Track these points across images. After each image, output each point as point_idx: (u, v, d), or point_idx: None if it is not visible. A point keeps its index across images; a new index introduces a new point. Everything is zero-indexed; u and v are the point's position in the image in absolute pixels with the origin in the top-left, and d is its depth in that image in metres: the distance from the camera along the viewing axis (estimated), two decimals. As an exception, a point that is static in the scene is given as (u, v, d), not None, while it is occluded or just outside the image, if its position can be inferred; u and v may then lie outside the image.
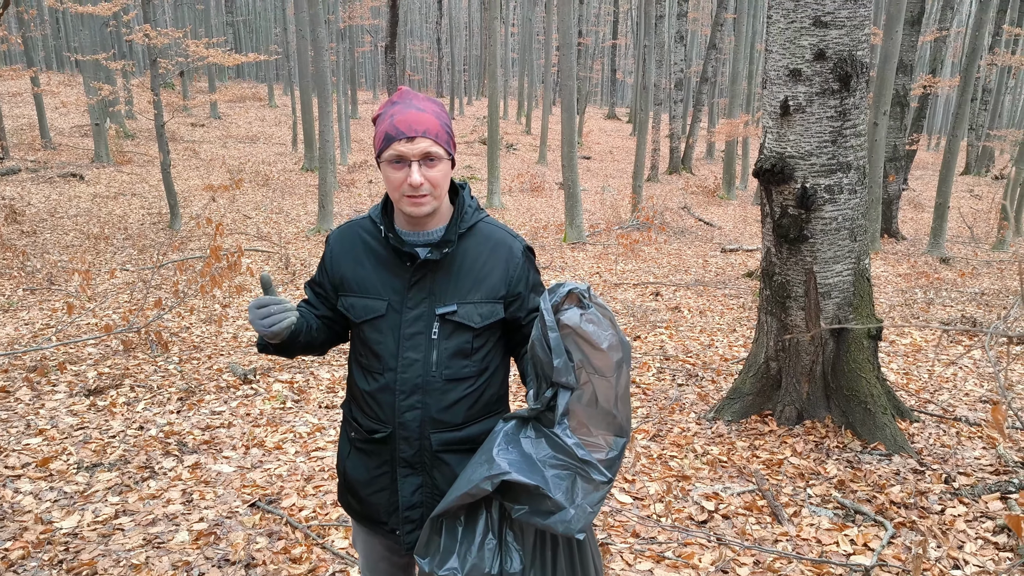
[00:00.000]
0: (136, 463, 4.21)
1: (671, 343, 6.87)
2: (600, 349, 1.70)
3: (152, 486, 3.95)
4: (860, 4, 4.00)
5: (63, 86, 30.27)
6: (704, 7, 40.31)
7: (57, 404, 5.09)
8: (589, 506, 1.68)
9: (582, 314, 1.71)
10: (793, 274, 4.38)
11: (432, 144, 1.75)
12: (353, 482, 1.98)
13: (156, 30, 12.79)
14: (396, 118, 1.76)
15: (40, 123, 20.80)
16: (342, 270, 1.92)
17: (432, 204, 1.79)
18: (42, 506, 3.71)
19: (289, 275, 9.99)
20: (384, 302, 1.86)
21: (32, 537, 3.39)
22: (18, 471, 4.07)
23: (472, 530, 1.76)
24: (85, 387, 5.41)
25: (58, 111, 26.36)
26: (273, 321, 1.77)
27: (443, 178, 1.79)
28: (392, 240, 1.84)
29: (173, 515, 3.65)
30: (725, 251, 12.95)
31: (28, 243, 11.27)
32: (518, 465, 1.69)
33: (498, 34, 15.14)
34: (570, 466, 1.69)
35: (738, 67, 21.92)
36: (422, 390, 1.84)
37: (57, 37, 43.39)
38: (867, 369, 4.39)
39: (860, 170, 4.23)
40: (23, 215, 13.19)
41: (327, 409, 5.20)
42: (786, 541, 3.41)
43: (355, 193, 19.01)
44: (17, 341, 6.50)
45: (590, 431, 1.75)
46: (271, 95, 37.16)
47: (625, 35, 53.19)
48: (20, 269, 9.47)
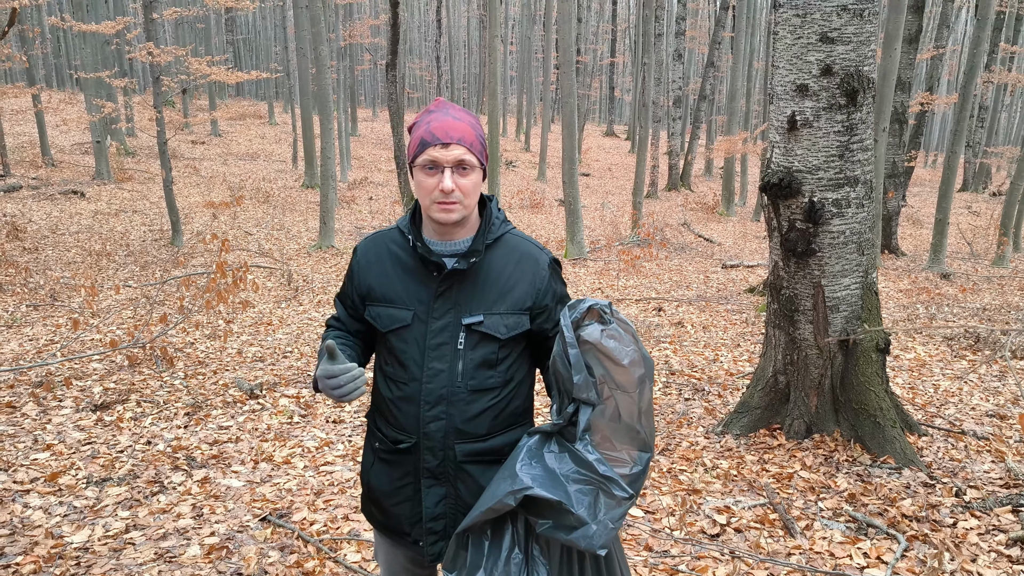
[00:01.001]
0: (145, 477, 4.20)
1: (676, 358, 6.88)
2: (622, 365, 1.71)
3: (162, 500, 3.94)
4: (866, 20, 4.04)
5: (64, 104, 30.38)
6: (702, 26, 40.62)
7: (64, 419, 5.08)
8: (611, 522, 1.68)
9: (603, 330, 1.72)
10: (801, 288, 4.40)
11: (466, 152, 1.78)
12: (377, 492, 1.98)
13: (159, 48, 12.86)
14: (432, 124, 1.78)
15: (41, 141, 20.85)
16: (369, 280, 1.94)
17: (461, 212, 1.81)
18: (52, 521, 3.70)
19: (292, 291, 10.00)
20: (410, 312, 1.87)
21: (43, 552, 3.38)
22: (27, 486, 4.06)
23: (498, 545, 1.77)
24: (91, 402, 5.41)
25: (59, 129, 26.43)
26: (347, 391, 1.75)
27: (474, 187, 1.81)
28: (420, 250, 1.85)
29: (184, 529, 3.64)
30: (726, 267, 12.98)
31: (30, 259, 11.27)
32: (541, 480, 1.69)
33: (499, 52, 15.23)
34: (593, 481, 1.70)
35: (736, 85, 22.05)
36: (447, 400, 1.84)
37: (58, 55, 43.59)
38: (876, 382, 4.40)
39: (867, 184, 4.26)
40: (25, 232, 13.20)
41: (335, 424, 5.19)
42: (799, 554, 3.41)
43: (355, 210, 19.05)
44: (22, 357, 6.49)
45: (614, 446, 1.75)
46: (271, 113, 37.29)
47: (623, 53, 53.53)
48: (23, 285, 9.47)
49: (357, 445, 4.76)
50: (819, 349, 4.44)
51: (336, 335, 2.03)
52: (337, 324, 2.07)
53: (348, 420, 5.25)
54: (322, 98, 14.00)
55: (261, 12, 49.94)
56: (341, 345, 1.97)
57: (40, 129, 20.60)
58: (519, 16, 46.92)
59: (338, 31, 28.17)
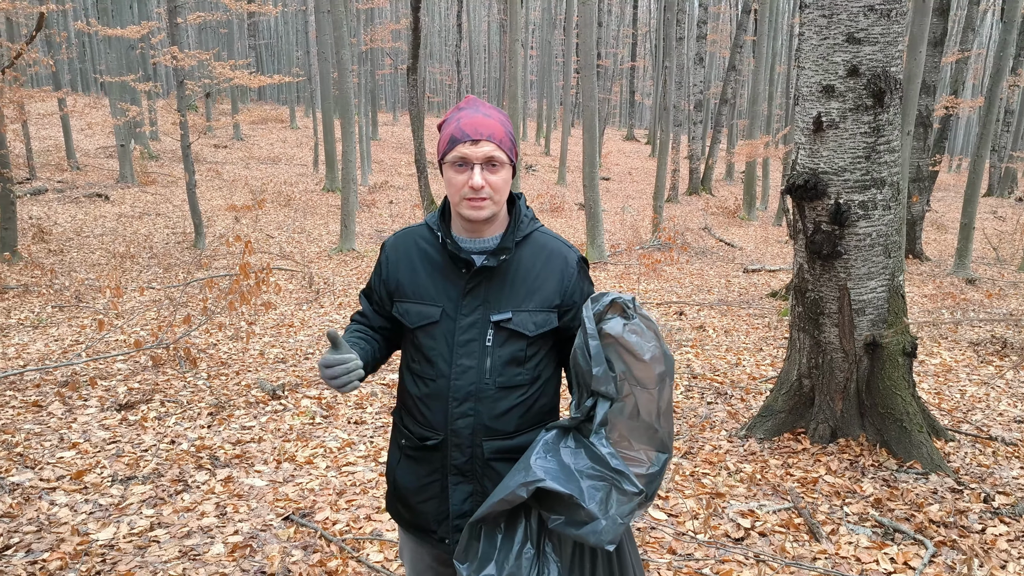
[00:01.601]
0: (169, 476, 4.23)
1: (698, 362, 6.84)
2: (643, 360, 1.70)
3: (186, 499, 3.97)
4: (894, 20, 4.01)
5: (89, 108, 30.75)
6: (723, 29, 40.47)
7: (89, 418, 5.13)
8: (620, 517, 1.66)
9: (625, 324, 1.71)
10: (826, 291, 4.36)
11: (495, 149, 1.77)
12: (403, 490, 1.97)
13: (183, 52, 12.99)
14: (462, 121, 1.78)
15: (67, 144, 21.11)
16: (398, 276, 1.94)
17: (491, 209, 1.80)
18: (78, 518, 3.73)
19: (313, 294, 10.05)
20: (438, 308, 1.87)
21: (69, 548, 3.41)
22: (53, 483, 4.10)
23: (511, 538, 1.76)
24: (116, 402, 5.45)
25: (84, 132, 26.75)
26: (341, 383, 1.75)
27: (503, 184, 1.81)
28: (449, 246, 1.85)
29: (208, 528, 3.66)
30: (747, 271, 12.90)
31: (56, 261, 11.40)
32: (555, 474, 1.68)
33: (519, 57, 15.24)
34: (605, 476, 1.68)
35: (758, 88, 21.94)
36: (475, 397, 1.84)
37: (84, 60, 44.14)
38: (902, 387, 4.34)
39: (894, 186, 4.22)
40: (50, 234, 13.36)
41: (356, 425, 5.20)
42: (825, 559, 3.37)
43: (376, 213, 19.13)
44: (48, 357, 6.57)
45: (631, 444, 1.74)
46: (292, 117, 37.56)
47: (644, 57, 53.42)
48: (49, 287, 9.58)
49: (379, 446, 4.77)
50: (844, 352, 4.40)
51: (356, 330, 2.03)
52: (361, 319, 2.07)
53: (370, 421, 5.26)
54: (343, 102, 14.08)
55: (283, 17, 50.35)
56: (357, 338, 1.97)
57: (66, 133, 20.87)
58: (539, 20, 46.97)
59: (360, 36, 28.32)
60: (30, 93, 13.35)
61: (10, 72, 10.61)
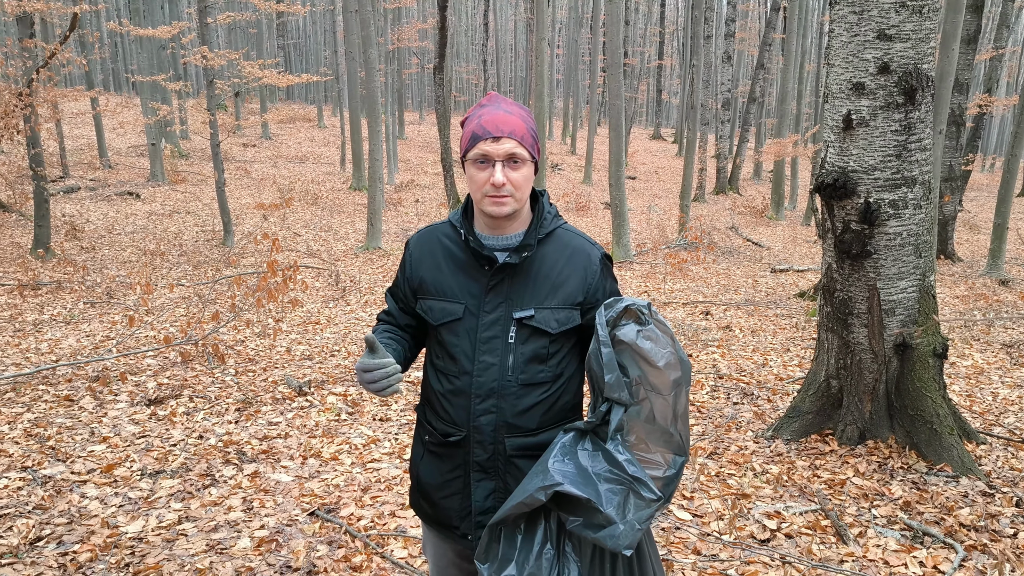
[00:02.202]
0: (197, 471, 4.27)
1: (724, 362, 6.79)
2: (657, 367, 1.69)
3: (213, 493, 4.01)
4: (926, 17, 3.95)
5: (121, 107, 31.18)
6: (752, 27, 40.13)
7: (119, 413, 5.20)
8: (638, 523, 1.66)
9: (639, 330, 1.70)
10: (856, 290, 4.31)
11: (517, 146, 1.77)
12: (426, 486, 1.98)
13: (213, 52, 13.13)
14: (484, 118, 1.78)
15: (99, 143, 21.43)
16: (421, 273, 1.94)
17: (513, 205, 1.80)
18: (108, 511, 3.78)
19: (339, 291, 10.11)
20: (461, 305, 1.87)
21: (99, 541, 3.46)
22: (84, 476, 4.16)
23: (531, 539, 1.76)
24: (146, 397, 5.52)
25: (116, 131, 27.14)
26: (380, 387, 1.75)
27: (525, 181, 1.80)
28: (472, 243, 1.85)
29: (235, 522, 3.70)
30: (775, 271, 12.79)
31: (88, 258, 11.58)
32: (572, 477, 1.68)
33: (545, 56, 15.23)
34: (623, 481, 1.68)
35: (787, 87, 21.74)
36: (498, 394, 1.84)
37: (116, 60, 44.77)
38: (932, 388, 4.28)
39: (925, 185, 4.16)
40: (83, 231, 13.57)
41: (381, 422, 5.23)
42: (852, 562, 3.33)
43: (402, 212, 19.21)
44: (80, 352, 6.67)
45: (648, 448, 1.74)
46: (320, 116, 37.84)
47: (671, 55, 53.14)
48: (81, 283, 9.74)
49: (404, 443, 4.79)
50: (874, 353, 4.35)
51: (385, 329, 2.04)
52: (387, 318, 2.08)
53: (395, 418, 5.29)
54: (370, 101, 14.16)
55: (312, 17, 50.72)
56: (388, 339, 1.98)
57: (98, 132, 21.18)
58: (566, 19, 46.89)
59: (387, 35, 28.46)
60: (64, 92, 13.58)
61: (44, 72, 10.79)
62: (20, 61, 10.87)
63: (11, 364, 6.20)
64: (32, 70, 10.70)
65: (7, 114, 10.30)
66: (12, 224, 13.84)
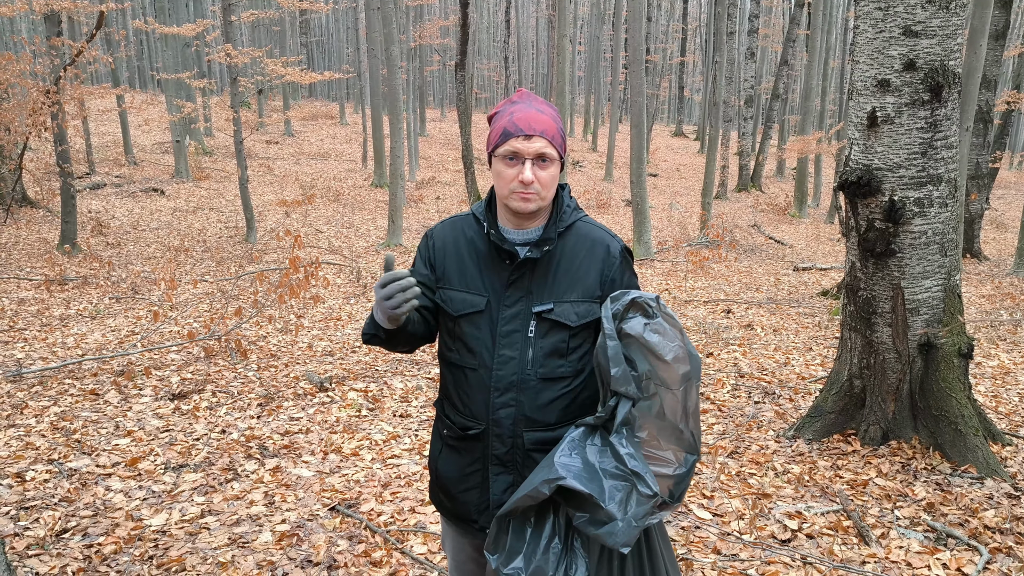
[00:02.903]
0: (220, 465, 4.32)
1: (745, 360, 6.75)
2: (665, 361, 1.68)
3: (236, 487, 4.05)
4: (952, 13, 3.90)
5: (146, 104, 31.50)
6: (776, 23, 39.81)
7: (143, 407, 5.26)
8: (635, 520, 1.65)
9: (646, 324, 1.69)
10: (880, 289, 4.27)
11: (547, 145, 1.78)
12: (444, 479, 1.99)
13: (237, 50, 13.22)
14: (516, 116, 1.79)
15: (124, 140, 21.66)
16: (444, 262, 1.95)
17: (538, 203, 1.81)
18: (132, 504, 3.83)
19: (360, 288, 10.16)
20: (484, 298, 1.88)
21: (123, 533, 3.50)
22: (109, 469, 4.21)
23: (540, 532, 1.76)
24: (169, 391, 5.58)
25: (141, 128, 27.42)
26: (395, 303, 1.69)
27: (552, 180, 1.81)
28: (494, 237, 1.86)
29: (256, 516, 3.73)
30: (798, 269, 12.69)
31: (113, 254, 11.72)
32: (577, 472, 1.67)
33: (567, 53, 15.19)
34: (627, 476, 1.67)
35: (811, 83, 21.55)
36: (517, 388, 1.84)
37: (141, 57, 45.22)
38: (957, 388, 4.23)
39: (951, 183, 4.11)
40: (108, 228, 13.73)
41: (401, 418, 5.25)
42: (874, 563, 3.30)
43: (423, 209, 19.26)
44: (105, 347, 6.75)
45: (660, 444, 1.72)
46: (342, 113, 37.99)
47: (693, 52, 52.83)
48: (106, 279, 9.85)
49: (423, 439, 4.81)
50: (897, 353, 4.30)
51: None
52: None
53: (415, 415, 5.31)
54: (392, 98, 14.20)
55: (334, 14, 50.93)
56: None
57: (124, 129, 21.41)
58: (588, 16, 46.75)
59: (408, 32, 28.53)
60: (90, 90, 13.74)
61: (71, 70, 10.92)
62: (48, 59, 11.01)
63: (38, 358, 6.29)
64: (59, 68, 10.84)
65: (35, 111, 10.44)
66: (40, 220, 14.03)
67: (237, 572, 3.20)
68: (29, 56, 10.94)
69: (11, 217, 13.63)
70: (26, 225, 13.44)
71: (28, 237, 12.48)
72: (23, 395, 5.37)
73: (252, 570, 3.22)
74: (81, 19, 21.95)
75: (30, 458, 4.31)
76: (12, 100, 11.28)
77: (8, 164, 13.79)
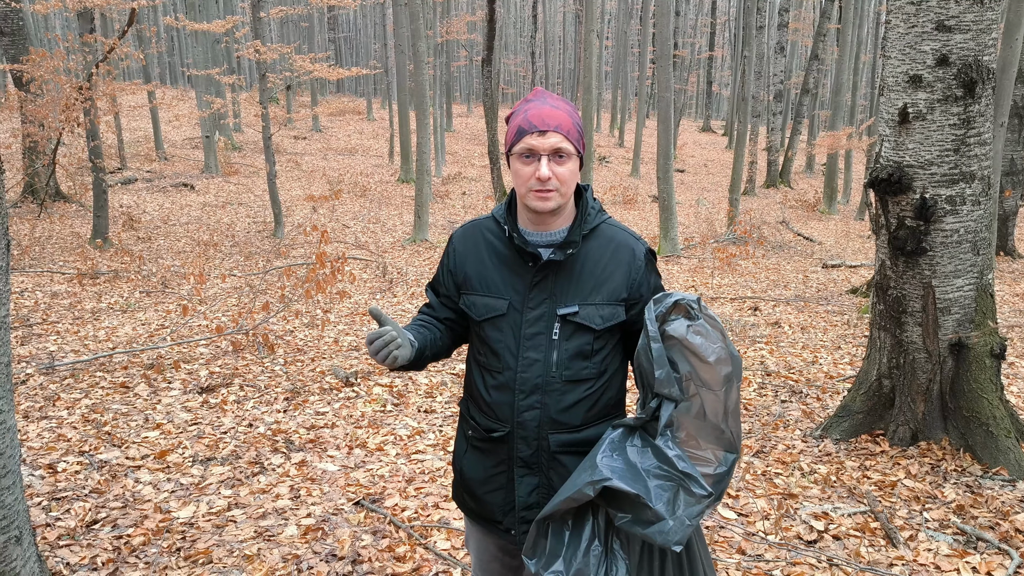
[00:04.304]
0: (247, 458, 4.36)
1: (772, 359, 6.69)
2: (707, 362, 1.67)
3: (262, 481, 4.09)
4: (987, 7, 3.83)
5: (176, 100, 31.86)
6: (806, 17, 39.33)
7: (172, 400, 5.33)
8: (688, 519, 1.65)
9: (689, 325, 1.69)
10: (910, 288, 4.21)
11: (563, 140, 1.76)
12: (469, 480, 1.99)
13: (265, 46, 13.32)
14: (530, 113, 1.78)
15: (155, 136, 21.94)
16: (465, 268, 1.95)
17: (557, 200, 1.80)
18: (160, 496, 3.88)
19: (386, 283, 10.21)
20: (505, 301, 1.87)
21: (152, 525, 3.55)
22: (138, 462, 4.27)
23: (579, 535, 1.76)
24: (198, 385, 5.65)
25: (171, 124, 27.74)
26: (383, 356, 1.76)
27: (571, 176, 1.80)
28: (516, 240, 1.85)
29: (282, 510, 3.76)
30: (827, 267, 12.55)
31: (144, 248, 11.87)
32: (621, 473, 1.67)
33: (594, 48, 15.13)
34: (673, 477, 1.67)
35: (841, 78, 21.27)
36: (542, 390, 1.84)
37: (171, 54, 45.72)
38: (989, 389, 4.16)
39: (984, 180, 4.04)
40: (139, 222, 13.91)
41: (426, 414, 5.27)
42: (902, 565, 3.26)
43: (449, 204, 19.30)
44: (135, 340, 6.84)
45: (699, 444, 1.72)
46: (369, 109, 38.18)
47: (722, 46, 52.38)
48: (137, 273, 9.98)
49: (447, 435, 4.82)
50: (928, 353, 4.24)
51: (420, 319, 2.04)
52: (427, 311, 2.08)
53: (439, 410, 5.32)
54: (419, 94, 14.23)
55: (362, 10, 51.13)
56: (418, 325, 1.98)
57: (155, 125, 21.69)
58: (615, 11, 46.54)
59: (436, 28, 28.57)
60: (122, 86, 13.92)
61: (104, 66, 11.06)
62: (81, 56, 11.16)
63: (70, 351, 6.40)
64: (92, 65, 10.99)
65: (68, 107, 10.59)
66: (72, 214, 14.24)
67: (263, 565, 3.23)
68: (63, 53, 11.10)
69: (45, 212, 13.85)
70: (59, 219, 13.65)
71: (61, 231, 12.68)
72: (55, 387, 5.46)
73: (278, 563, 3.26)
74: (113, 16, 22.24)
75: (62, 450, 4.38)
76: (46, 96, 11.45)
77: (42, 159, 14.01)
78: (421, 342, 1.92)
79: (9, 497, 2.12)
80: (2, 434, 2.07)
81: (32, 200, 14.34)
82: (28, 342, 6.60)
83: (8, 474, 2.10)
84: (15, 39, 13.86)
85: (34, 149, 13.93)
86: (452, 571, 3.24)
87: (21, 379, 5.60)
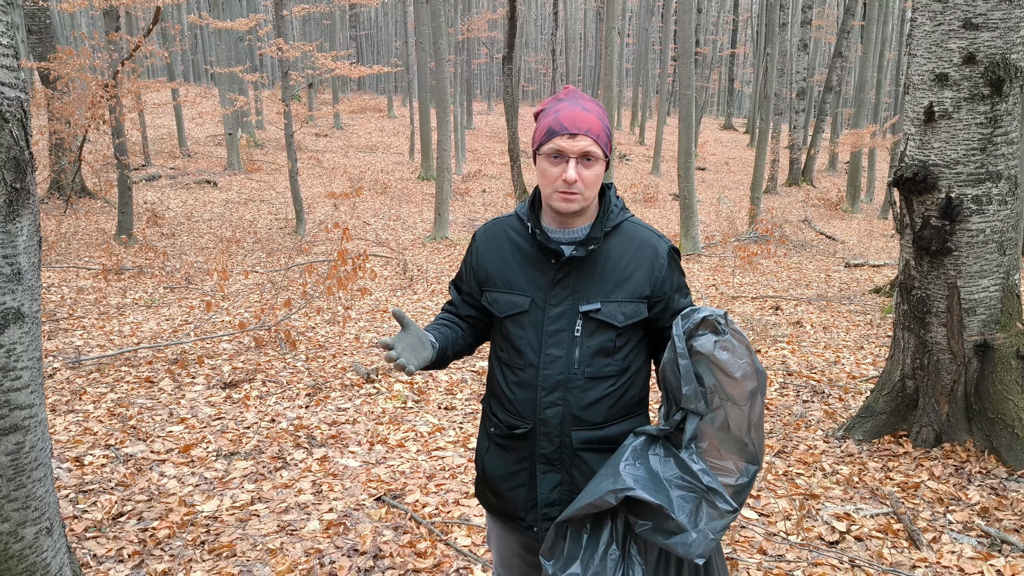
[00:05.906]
0: (269, 453, 4.40)
1: (793, 358, 6.65)
2: (734, 378, 1.68)
3: (284, 476, 4.13)
4: (1016, 4, 3.78)
5: (200, 98, 32.12)
6: (830, 14, 39.00)
7: (196, 395, 5.39)
8: (711, 532, 1.66)
9: (716, 341, 1.70)
10: (934, 288, 4.17)
11: (592, 144, 1.77)
12: (491, 477, 2.00)
13: (288, 44, 13.41)
14: (561, 114, 1.78)
15: (179, 133, 22.14)
16: (487, 266, 1.96)
17: (581, 203, 1.80)
18: (184, 489, 3.93)
19: (407, 280, 10.25)
20: (528, 298, 1.88)
21: (176, 518, 3.60)
22: (163, 456, 4.33)
23: (597, 539, 1.77)
24: (221, 380, 5.71)
25: (195, 121, 27.98)
26: (401, 364, 1.73)
27: (596, 179, 1.80)
28: (539, 237, 1.86)
29: (304, 504, 3.80)
30: (849, 266, 12.45)
31: (168, 244, 11.99)
32: (643, 482, 1.69)
33: (616, 45, 15.10)
34: (696, 490, 1.69)
35: (865, 76, 21.07)
36: (564, 387, 1.85)
37: (195, 51, 46.09)
38: (1015, 391, 4.12)
39: (1012, 180, 3.99)
40: (163, 219, 14.06)
41: (446, 410, 5.29)
42: (925, 567, 3.24)
43: (469, 202, 19.33)
44: (159, 335, 6.92)
45: (721, 455, 1.74)
46: (390, 106, 38.30)
47: (744, 44, 52.04)
48: (161, 268, 10.09)
49: (468, 432, 4.84)
50: (952, 354, 4.20)
51: (442, 317, 2.06)
52: (450, 308, 2.10)
53: (460, 407, 5.34)
54: (439, 92, 14.26)
55: (383, 8, 51.27)
56: (440, 324, 2.00)
57: (178, 122, 21.89)
58: (637, 8, 46.36)
59: (457, 25, 28.60)
60: (147, 84, 14.06)
61: (129, 64, 11.19)
62: (106, 54, 11.29)
63: (96, 346, 6.48)
64: (117, 62, 11.11)
65: (94, 105, 10.72)
66: (97, 210, 14.42)
67: (286, 559, 3.26)
68: (88, 51, 11.23)
69: (71, 208, 14.03)
70: (85, 215, 13.82)
71: (86, 227, 12.84)
72: (81, 381, 5.54)
73: (300, 557, 3.29)
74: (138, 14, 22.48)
75: (88, 443, 4.45)
76: (72, 94, 11.60)
77: (68, 156, 14.20)
78: (442, 342, 1.93)
79: (40, 489, 2.15)
80: (33, 427, 2.10)
81: (58, 196, 14.53)
82: (55, 336, 6.69)
83: (39, 467, 2.14)
84: (42, 37, 14.05)
85: (60, 146, 14.10)
86: (472, 567, 3.26)
87: (48, 373, 5.68)
